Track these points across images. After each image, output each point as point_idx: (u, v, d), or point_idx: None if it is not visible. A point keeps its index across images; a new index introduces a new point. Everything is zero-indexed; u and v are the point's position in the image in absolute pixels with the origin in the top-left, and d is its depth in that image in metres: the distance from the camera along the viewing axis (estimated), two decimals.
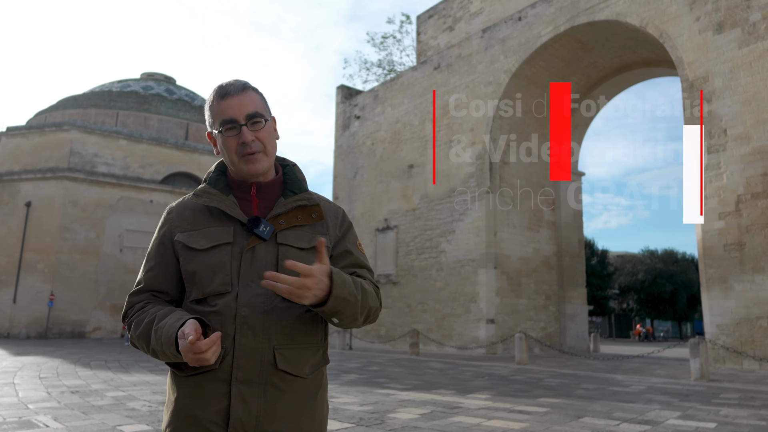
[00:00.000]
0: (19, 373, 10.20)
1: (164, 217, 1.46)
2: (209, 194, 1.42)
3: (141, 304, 1.40)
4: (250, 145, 1.37)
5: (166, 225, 1.44)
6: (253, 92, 1.42)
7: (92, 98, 31.33)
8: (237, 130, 1.37)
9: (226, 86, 1.40)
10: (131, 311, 1.40)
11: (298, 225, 1.41)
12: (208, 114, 1.42)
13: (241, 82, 1.42)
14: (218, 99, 1.39)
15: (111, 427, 5.36)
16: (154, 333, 1.29)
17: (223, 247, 1.36)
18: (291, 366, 1.32)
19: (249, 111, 1.38)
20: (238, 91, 1.39)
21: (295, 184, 1.47)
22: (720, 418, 6.34)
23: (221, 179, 1.47)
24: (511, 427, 5.62)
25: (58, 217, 24.78)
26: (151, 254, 1.44)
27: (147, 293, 1.41)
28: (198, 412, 1.29)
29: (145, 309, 1.37)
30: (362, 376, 10.60)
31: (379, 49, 36.95)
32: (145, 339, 1.32)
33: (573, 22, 17.04)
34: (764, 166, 12.49)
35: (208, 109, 1.42)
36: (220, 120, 1.38)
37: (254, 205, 1.42)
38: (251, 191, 1.43)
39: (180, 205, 1.47)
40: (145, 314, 1.35)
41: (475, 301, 18.20)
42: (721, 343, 12.41)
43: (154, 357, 1.33)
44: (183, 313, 1.30)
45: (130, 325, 1.38)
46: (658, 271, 45.55)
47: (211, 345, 1.19)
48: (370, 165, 23.66)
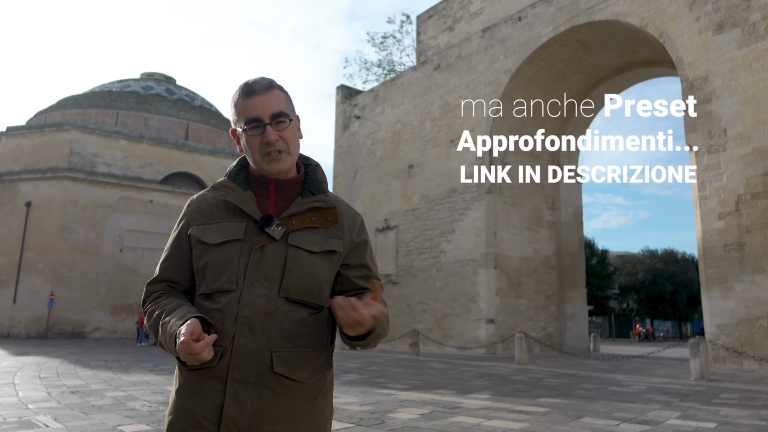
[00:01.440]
0: (19, 373, 10.20)
1: (185, 209, 1.48)
2: (227, 188, 1.43)
3: (156, 294, 1.42)
4: (274, 145, 1.37)
5: (185, 217, 1.46)
6: (279, 91, 1.42)
7: (92, 98, 31.33)
8: (261, 129, 1.37)
9: (252, 84, 1.40)
10: (147, 300, 1.43)
11: (312, 227, 1.40)
12: (233, 111, 1.42)
13: (267, 80, 1.41)
14: (244, 97, 1.39)
15: (111, 427, 5.36)
16: (161, 327, 1.32)
17: (233, 243, 1.36)
18: (288, 369, 1.31)
19: (274, 110, 1.38)
20: (264, 89, 1.39)
21: (314, 184, 1.46)
22: (720, 418, 6.34)
23: (242, 174, 1.47)
24: (511, 427, 5.62)
25: (58, 217, 24.79)
26: (169, 245, 1.46)
27: (162, 283, 1.43)
28: (194, 407, 1.30)
29: (158, 300, 1.40)
30: (362, 376, 10.60)
31: (379, 49, 36.97)
32: (155, 331, 1.36)
33: (573, 22, 17.04)
34: (764, 166, 12.49)
35: (233, 106, 1.42)
36: (245, 118, 1.38)
37: (271, 201, 1.42)
38: (269, 187, 1.43)
39: (200, 198, 1.48)
40: (157, 306, 1.38)
41: (475, 301, 18.20)
42: (721, 343, 12.41)
43: (162, 349, 1.37)
44: (188, 310, 1.31)
45: (146, 314, 1.42)
46: (658, 271, 45.56)
47: (204, 347, 1.20)
48: (370, 165, 23.66)
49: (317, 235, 1.40)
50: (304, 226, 1.39)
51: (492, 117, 18.92)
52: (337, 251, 1.42)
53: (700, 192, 13.46)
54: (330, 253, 1.41)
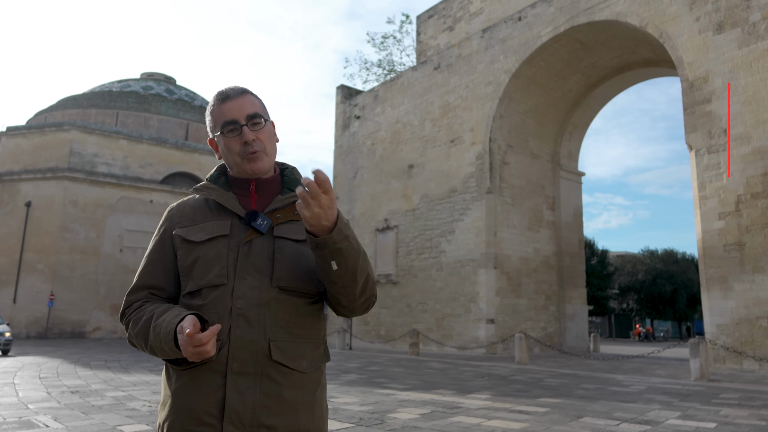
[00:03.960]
0: (19, 373, 10.21)
1: (165, 215, 1.50)
2: (209, 189, 1.47)
3: (139, 303, 1.41)
4: (252, 145, 1.42)
5: (166, 222, 1.47)
6: (252, 96, 1.48)
7: (92, 98, 31.33)
8: (238, 130, 1.42)
9: (226, 91, 1.46)
10: (129, 310, 1.41)
11: (295, 219, 1.44)
12: (210, 119, 1.48)
13: (240, 87, 1.48)
14: (219, 103, 1.45)
15: (111, 427, 5.36)
16: (153, 330, 1.30)
17: (220, 239, 1.39)
18: (287, 358, 1.33)
19: (249, 112, 1.43)
20: (238, 94, 1.45)
21: (293, 182, 1.52)
22: (720, 418, 6.34)
23: (222, 178, 1.51)
24: (511, 427, 5.62)
25: (58, 217, 24.79)
26: (150, 251, 1.47)
27: (144, 291, 1.43)
28: (194, 404, 1.30)
29: (143, 308, 1.39)
30: (362, 376, 10.60)
31: (379, 49, 36.98)
32: (143, 337, 1.34)
33: (573, 22, 17.04)
34: (764, 166, 12.49)
35: (209, 114, 1.48)
36: (222, 122, 1.43)
37: (253, 199, 1.46)
38: (250, 187, 1.46)
39: (180, 203, 1.52)
40: (143, 312, 1.37)
41: (475, 301, 18.20)
42: (721, 343, 12.41)
43: (152, 354, 1.34)
44: (181, 310, 1.32)
45: (128, 324, 1.39)
46: (658, 271, 45.56)
47: (211, 337, 1.21)
48: (370, 165, 23.67)
49: (300, 226, 1.43)
50: (287, 219, 1.43)
51: (492, 117, 18.92)
52: None
53: (700, 192, 13.46)
54: None
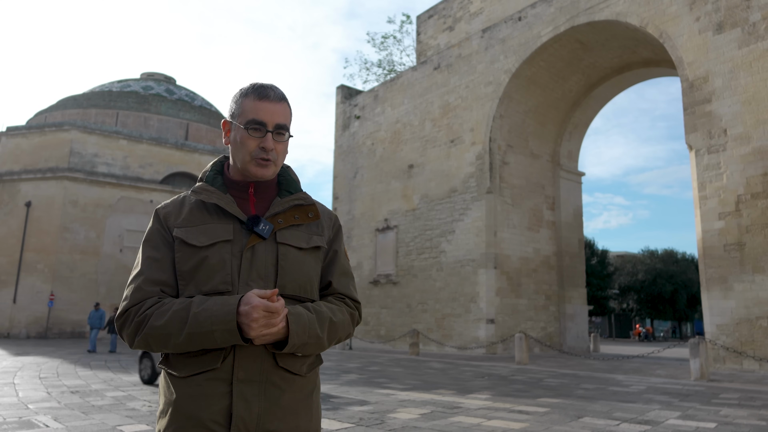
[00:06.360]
0: (19, 373, 10.20)
1: (160, 214, 1.42)
2: (208, 191, 1.42)
3: (154, 298, 1.31)
4: (268, 153, 1.40)
5: (163, 221, 1.40)
6: (288, 106, 1.46)
7: (92, 98, 31.31)
8: (262, 133, 1.40)
9: (267, 89, 1.43)
10: (140, 305, 1.30)
11: (296, 224, 1.44)
12: (237, 106, 1.43)
13: (280, 92, 1.45)
14: (255, 98, 1.41)
15: (111, 427, 5.36)
16: (194, 318, 1.24)
17: (223, 244, 1.36)
18: (290, 364, 1.34)
19: (279, 121, 1.41)
20: (277, 99, 1.42)
21: (290, 184, 1.50)
22: (720, 418, 6.34)
23: (218, 178, 1.47)
24: (511, 427, 5.62)
25: (58, 217, 24.78)
26: (153, 246, 1.38)
27: (156, 287, 1.33)
28: (199, 412, 1.28)
29: (162, 302, 1.30)
30: (362, 376, 10.60)
31: (379, 49, 36.97)
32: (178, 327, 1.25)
33: (573, 22, 17.04)
34: (764, 166, 12.49)
35: (239, 99, 1.42)
36: (251, 118, 1.39)
37: (251, 203, 1.44)
38: (249, 190, 1.44)
39: (174, 202, 1.45)
40: (169, 305, 1.28)
41: (475, 301, 18.20)
42: (721, 343, 12.41)
43: (176, 349, 1.27)
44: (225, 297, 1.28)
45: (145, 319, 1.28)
46: (658, 271, 45.56)
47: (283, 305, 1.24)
48: (370, 165, 23.66)
49: (302, 232, 1.43)
50: (288, 224, 1.42)
51: (492, 117, 18.92)
52: (322, 246, 1.47)
53: (700, 192, 13.46)
54: (316, 249, 1.45)
